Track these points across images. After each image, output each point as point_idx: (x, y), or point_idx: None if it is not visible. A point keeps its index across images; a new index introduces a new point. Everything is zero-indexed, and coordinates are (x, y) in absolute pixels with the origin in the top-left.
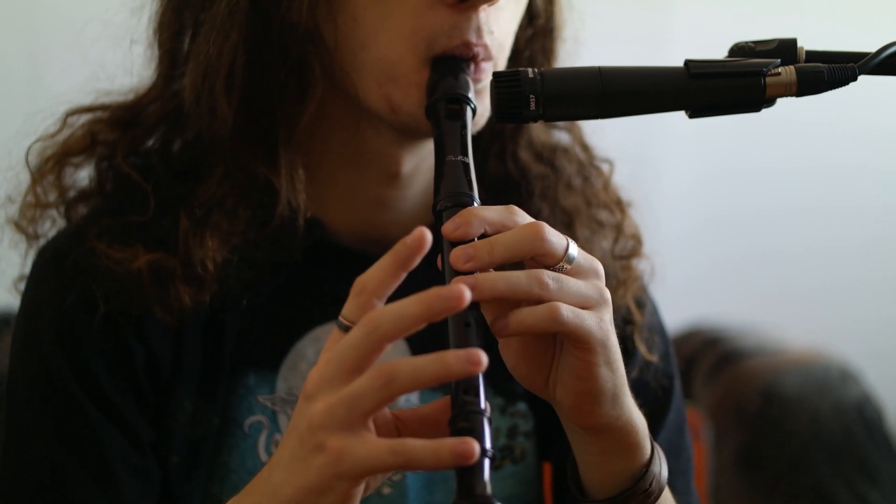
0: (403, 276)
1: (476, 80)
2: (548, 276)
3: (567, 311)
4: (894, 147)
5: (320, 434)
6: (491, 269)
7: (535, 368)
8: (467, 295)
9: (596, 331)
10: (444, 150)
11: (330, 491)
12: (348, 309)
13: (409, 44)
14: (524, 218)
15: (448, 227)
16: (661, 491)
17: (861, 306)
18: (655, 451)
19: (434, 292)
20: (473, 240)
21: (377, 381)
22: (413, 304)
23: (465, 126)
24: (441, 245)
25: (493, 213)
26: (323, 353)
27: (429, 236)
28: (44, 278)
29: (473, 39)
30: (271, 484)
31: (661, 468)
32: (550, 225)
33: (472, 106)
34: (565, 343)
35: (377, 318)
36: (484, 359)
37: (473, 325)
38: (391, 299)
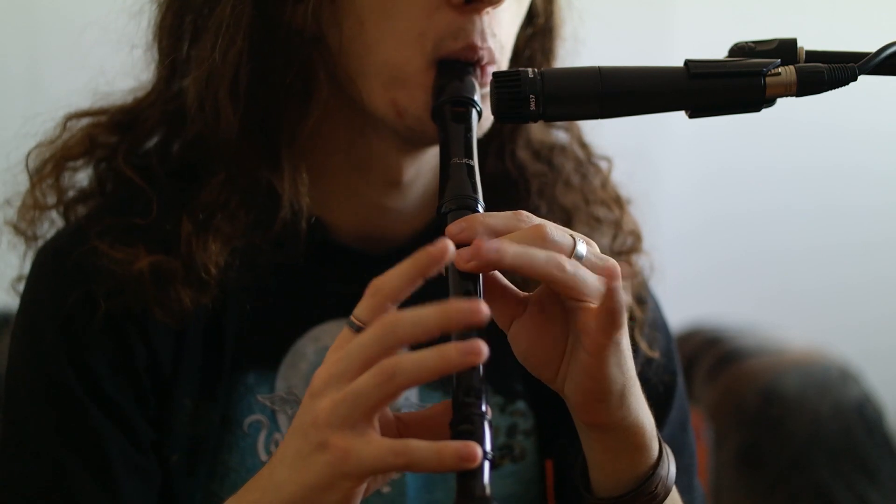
0: (420, 283)
1: (482, 85)
2: (566, 260)
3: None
4: (894, 147)
5: (325, 431)
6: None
7: (546, 359)
8: (486, 311)
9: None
10: (449, 153)
11: (332, 489)
12: (361, 309)
13: (417, 46)
14: (532, 223)
15: (452, 230)
16: (667, 493)
17: (861, 306)
18: (664, 454)
19: (455, 304)
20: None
21: (379, 378)
22: (432, 313)
23: (470, 129)
24: None
25: (499, 220)
26: (331, 351)
27: (451, 248)
28: (44, 277)
29: (478, 42)
30: (273, 481)
31: (669, 471)
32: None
33: (478, 109)
34: (579, 338)
35: (393, 322)
36: (484, 349)
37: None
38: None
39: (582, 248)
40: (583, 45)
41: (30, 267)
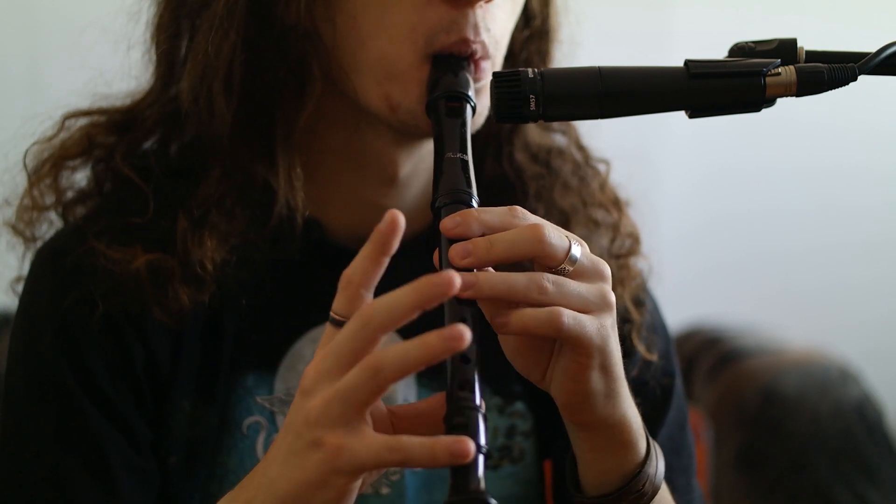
0: (385, 261)
1: (476, 80)
2: (548, 279)
3: (568, 317)
4: (894, 147)
5: (317, 429)
6: (490, 269)
7: (533, 362)
8: (457, 281)
9: (595, 337)
10: (443, 148)
11: (326, 486)
12: (338, 303)
13: (409, 41)
14: (526, 220)
15: (447, 224)
16: (654, 492)
17: (861, 306)
18: (652, 452)
19: (425, 280)
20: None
21: (366, 373)
22: (405, 294)
23: (464, 124)
24: (439, 242)
25: (494, 216)
26: (318, 349)
27: (401, 219)
28: (43, 278)
29: (471, 36)
30: (267, 478)
31: (658, 469)
32: None
33: (472, 104)
34: (564, 344)
35: (370, 311)
36: (466, 334)
37: (470, 322)
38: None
39: (577, 250)
40: (582, 48)
41: (28, 268)
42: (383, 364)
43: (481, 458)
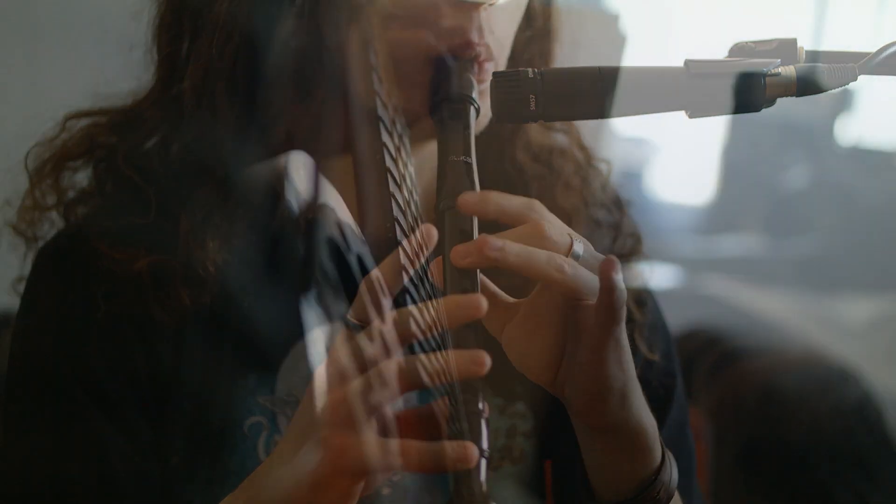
0: (411, 272)
1: (479, 81)
2: (565, 260)
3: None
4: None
5: (323, 429)
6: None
7: (544, 363)
8: (488, 362)
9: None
10: (446, 150)
11: (330, 487)
12: (357, 308)
13: (413, 43)
14: (541, 214)
15: (467, 199)
16: (669, 499)
17: (861, 306)
18: (667, 459)
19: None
20: (474, 236)
21: (382, 379)
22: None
23: (468, 126)
24: (443, 246)
25: (512, 203)
26: (331, 349)
27: (434, 233)
28: (44, 278)
29: (475, 39)
30: (271, 478)
31: (672, 476)
32: None
33: (476, 106)
34: (579, 338)
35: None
36: (487, 361)
37: (473, 323)
38: None
39: (579, 247)
40: (582, 48)
41: (30, 268)
42: (402, 374)
43: (484, 463)
